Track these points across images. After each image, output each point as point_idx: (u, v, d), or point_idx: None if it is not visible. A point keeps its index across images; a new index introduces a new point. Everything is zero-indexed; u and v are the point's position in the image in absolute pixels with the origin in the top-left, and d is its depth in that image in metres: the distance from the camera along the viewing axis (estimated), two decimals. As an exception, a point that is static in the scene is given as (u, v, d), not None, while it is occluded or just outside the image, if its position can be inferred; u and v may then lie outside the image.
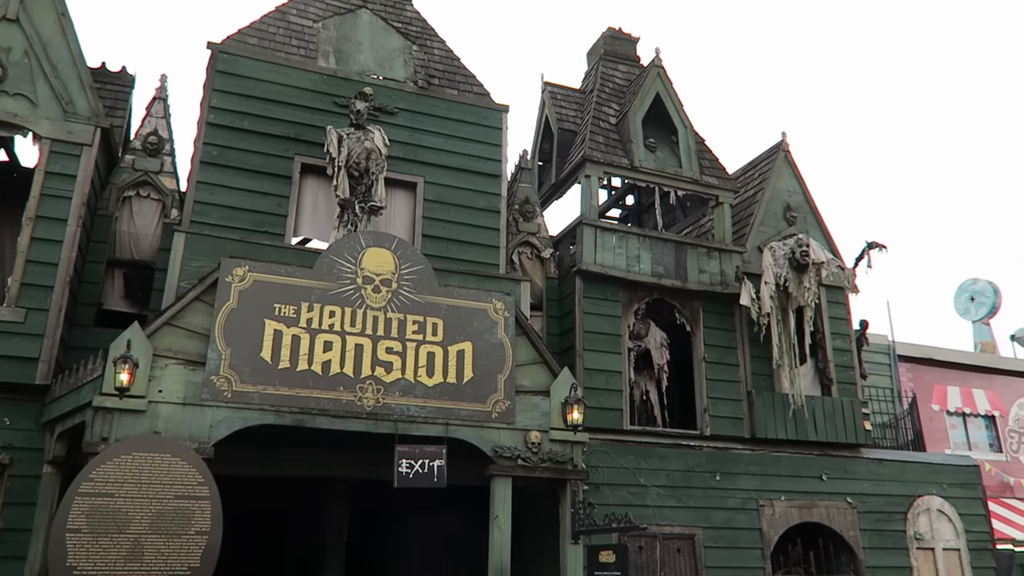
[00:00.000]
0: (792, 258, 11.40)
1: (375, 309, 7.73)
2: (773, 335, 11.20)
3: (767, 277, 11.30)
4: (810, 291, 11.38)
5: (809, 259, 11.29)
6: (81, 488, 6.31)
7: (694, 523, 10.26)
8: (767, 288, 11.24)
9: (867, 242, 11.70)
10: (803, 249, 11.31)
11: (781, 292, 11.38)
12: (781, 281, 11.33)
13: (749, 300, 11.15)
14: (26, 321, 7.98)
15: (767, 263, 11.38)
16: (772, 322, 11.21)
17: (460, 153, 10.45)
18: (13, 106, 8.53)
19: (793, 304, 11.43)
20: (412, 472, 7.37)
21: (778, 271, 11.34)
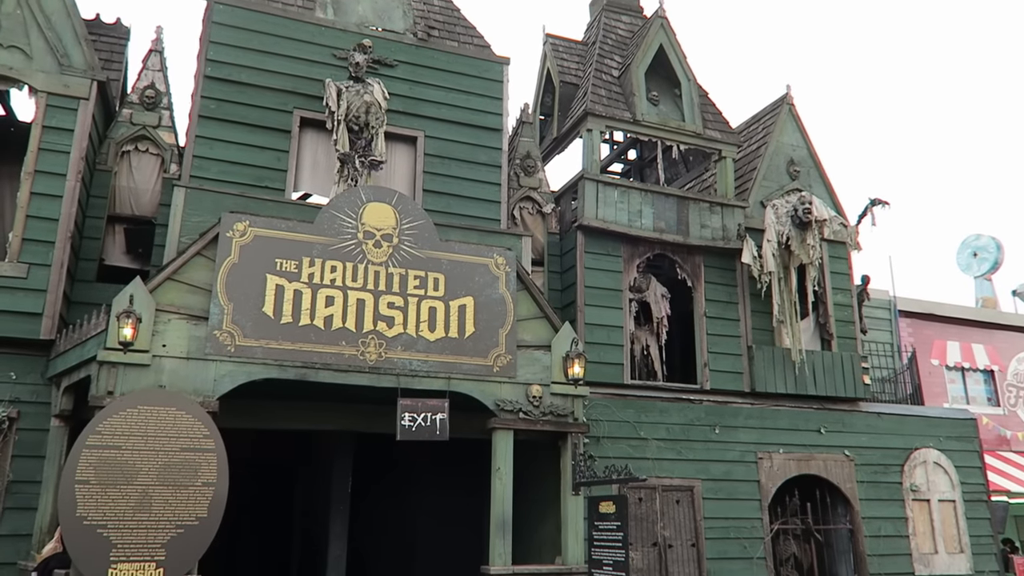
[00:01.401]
0: (795, 216, 11.34)
1: (376, 264, 7.73)
2: (774, 292, 11.21)
3: (769, 235, 11.26)
4: (813, 249, 11.35)
5: (812, 217, 11.24)
6: (89, 441, 6.40)
7: (693, 475, 10.41)
8: (769, 246, 11.21)
9: (870, 199, 11.63)
10: (806, 207, 11.25)
11: (783, 250, 11.36)
12: (783, 239, 11.30)
13: (751, 258, 11.13)
14: (28, 276, 8.00)
15: (769, 221, 11.34)
16: (774, 280, 11.21)
17: (460, 107, 10.34)
18: (7, 59, 8.42)
19: (795, 262, 11.41)
20: (415, 425, 7.46)
21: (780, 228, 11.30)
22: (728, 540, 10.31)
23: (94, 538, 6.23)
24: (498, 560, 7.53)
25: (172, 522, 6.45)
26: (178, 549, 6.43)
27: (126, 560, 6.27)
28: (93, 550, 6.21)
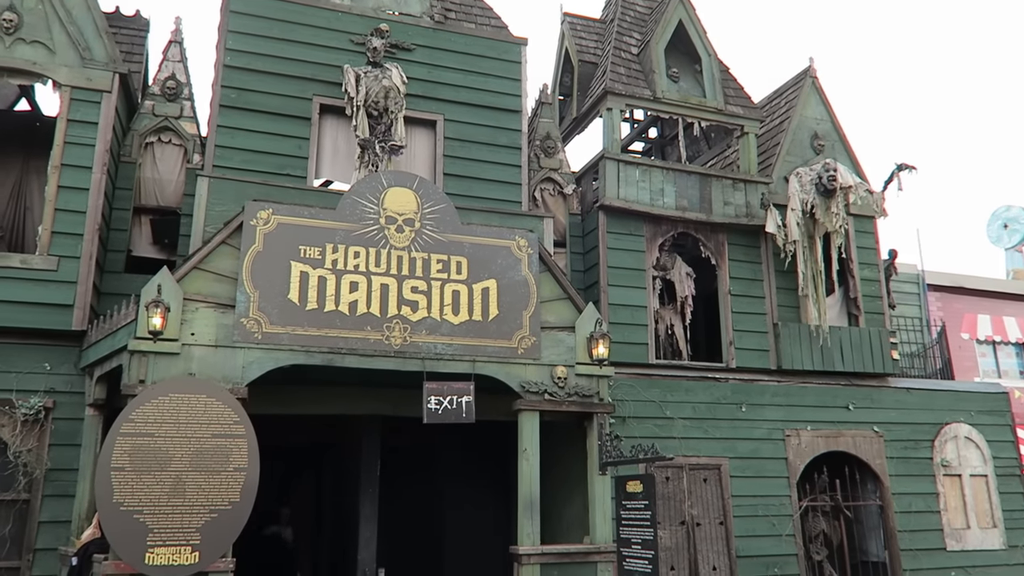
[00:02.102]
0: (819, 183, 11.17)
1: (399, 249, 7.76)
2: (799, 263, 11.08)
3: (793, 203, 11.11)
4: (838, 216, 11.18)
5: (837, 183, 11.06)
6: (123, 429, 6.53)
7: (720, 454, 10.40)
8: (793, 215, 11.07)
9: (896, 164, 11.42)
10: (830, 174, 11.07)
11: (808, 218, 11.20)
12: (808, 207, 11.14)
13: (775, 227, 11.01)
14: (59, 269, 8.14)
15: (793, 189, 11.18)
16: (798, 250, 11.08)
17: (479, 89, 10.30)
18: (31, 54, 8.52)
19: (820, 231, 11.25)
20: (441, 408, 7.51)
21: (804, 197, 11.14)
22: (756, 518, 10.31)
23: (131, 523, 6.37)
24: (527, 540, 7.59)
25: (206, 507, 6.58)
26: (212, 533, 6.56)
27: (162, 544, 6.41)
28: (130, 535, 6.35)
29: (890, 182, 11.60)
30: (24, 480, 7.83)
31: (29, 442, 7.91)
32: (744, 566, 10.08)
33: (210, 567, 6.55)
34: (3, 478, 7.84)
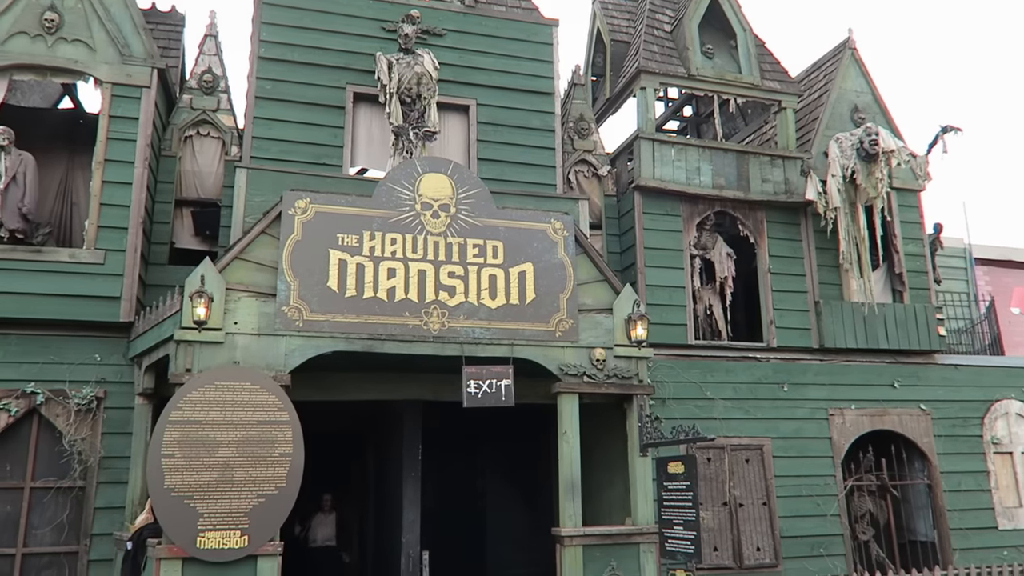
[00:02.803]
0: (860, 148, 10.88)
1: (435, 234, 7.79)
2: (840, 230, 10.85)
3: (834, 169, 10.86)
4: (880, 182, 10.88)
5: (879, 148, 10.77)
6: (171, 417, 6.70)
7: (762, 434, 10.31)
8: (834, 181, 10.82)
9: (941, 126, 11.05)
10: (872, 138, 10.79)
11: (849, 185, 10.95)
12: (848, 173, 10.88)
13: (815, 194, 10.80)
14: (105, 262, 8.34)
15: (833, 155, 10.93)
16: (839, 217, 10.84)
17: (511, 72, 10.25)
18: (72, 52, 8.70)
19: (862, 197, 10.98)
20: (480, 392, 7.55)
21: (845, 163, 10.88)
22: (800, 498, 10.21)
23: (182, 508, 6.54)
24: (568, 522, 7.62)
25: (253, 492, 6.72)
26: (260, 517, 6.71)
27: (213, 528, 6.57)
28: (182, 520, 6.53)
29: (934, 145, 11.23)
30: (79, 468, 8.08)
31: (83, 431, 8.16)
32: (789, 546, 10.00)
33: (259, 550, 6.71)
34: (59, 466, 8.10)
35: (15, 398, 8.05)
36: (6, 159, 8.42)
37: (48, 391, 8.13)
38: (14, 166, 8.43)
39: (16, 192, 8.41)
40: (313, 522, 9.72)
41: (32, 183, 8.51)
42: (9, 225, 8.36)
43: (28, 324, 8.18)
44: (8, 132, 8.41)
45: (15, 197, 8.40)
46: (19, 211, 8.41)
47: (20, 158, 8.50)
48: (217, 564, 6.59)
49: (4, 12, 8.55)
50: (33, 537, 7.98)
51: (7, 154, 8.43)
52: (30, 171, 8.52)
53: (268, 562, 6.75)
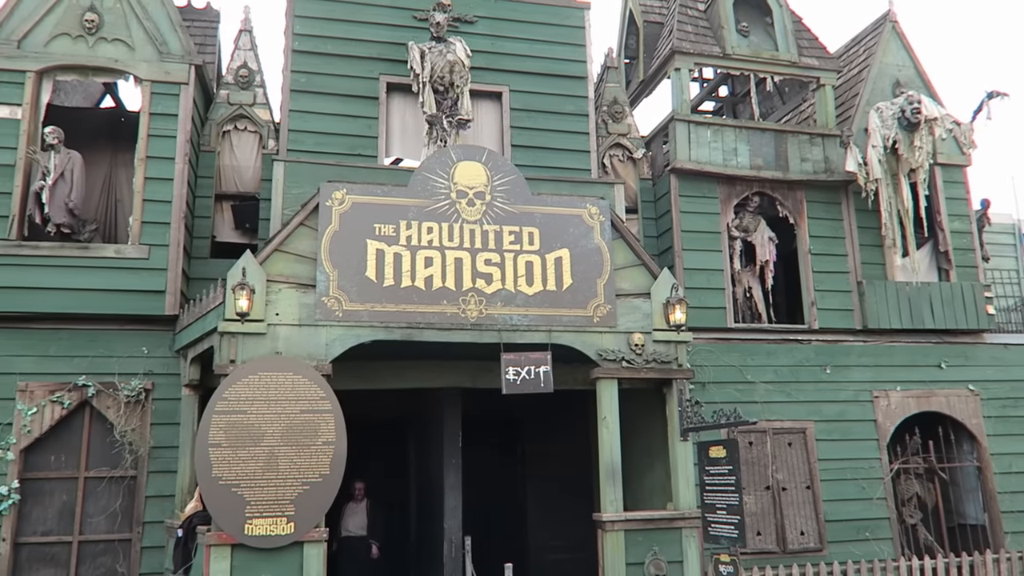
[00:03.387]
0: (902, 117, 10.58)
1: (471, 222, 7.81)
2: (882, 202, 10.59)
3: (874, 140, 10.60)
4: (922, 151, 10.58)
5: (921, 116, 10.46)
6: (217, 407, 6.83)
7: (805, 417, 10.18)
8: (874, 152, 10.56)
9: (987, 92, 10.68)
10: (914, 106, 10.49)
11: (890, 155, 10.68)
12: (889, 143, 10.62)
13: (856, 166, 10.56)
14: (150, 257, 8.53)
15: (873, 125, 10.66)
16: (881, 188, 10.59)
17: (543, 57, 10.20)
18: (113, 52, 8.87)
19: (904, 167, 10.70)
20: (519, 379, 7.56)
21: (886, 132, 10.61)
22: (845, 481, 10.07)
23: (230, 496, 6.68)
24: (610, 507, 7.62)
25: (298, 479, 6.84)
26: (305, 504, 6.83)
27: (260, 516, 6.71)
28: (230, 507, 6.67)
29: (979, 111, 10.87)
30: (130, 458, 8.31)
31: (132, 422, 8.38)
32: (834, 530, 9.88)
33: (305, 536, 6.83)
34: (111, 456, 8.34)
35: (68, 391, 8.30)
36: (55, 157, 8.65)
37: (99, 383, 8.36)
38: (63, 164, 8.66)
39: (64, 188, 8.64)
40: (345, 511, 9.55)
41: (79, 180, 8.73)
42: (56, 220, 8.59)
43: (78, 319, 8.41)
44: (58, 131, 8.65)
45: (63, 193, 8.63)
46: (66, 206, 8.63)
47: (68, 156, 8.73)
48: (265, 550, 6.73)
49: (46, 15, 8.74)
50: (88, 525, 8.23)
51: (56, 152, 8.66)
52: (77, 168, 8.74)
53: (314, 548, 6.88)
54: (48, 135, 8.60)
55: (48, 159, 8.65)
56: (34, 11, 8.72)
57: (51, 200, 8.57)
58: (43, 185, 8.58)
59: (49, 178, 8.55)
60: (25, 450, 8.15)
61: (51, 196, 8.57)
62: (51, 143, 8.63)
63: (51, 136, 8.62)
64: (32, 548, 8.10)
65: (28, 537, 8.09)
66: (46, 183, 8.56)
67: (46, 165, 8.63)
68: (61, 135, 8.69)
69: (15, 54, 8.61)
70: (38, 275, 8.26)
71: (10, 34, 8.63)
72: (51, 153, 8.67)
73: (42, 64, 8.67)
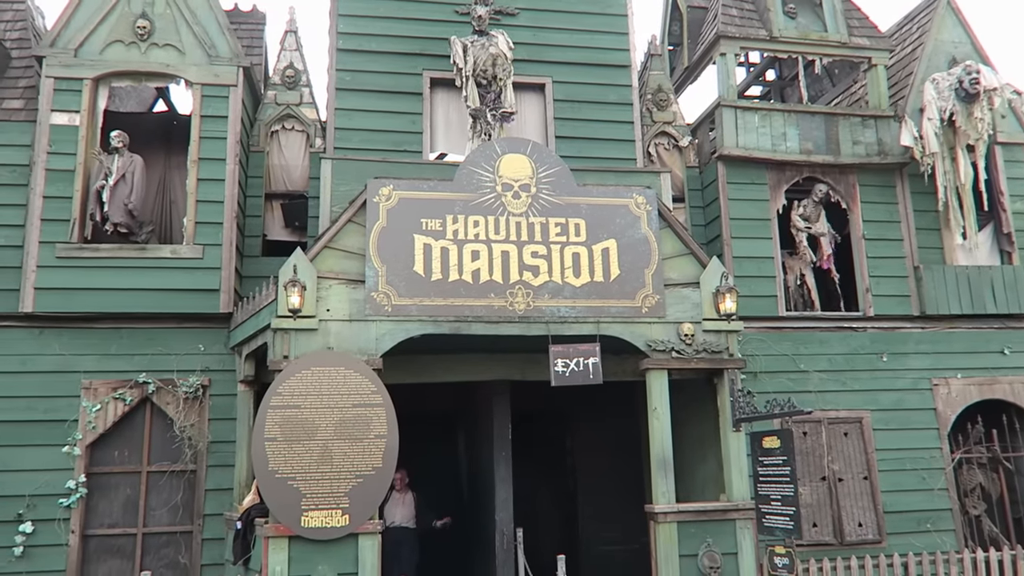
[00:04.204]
0: (959, 88, 10.21)
1: (517, 215, 7.81)
2: (938, 176, 10.25)
3: (930, 112, 10.26)
4: (982, 123, 10.19)
5: (980, 86, 10.07)
6: (272, 402, 6.97)
7: (861, 406, 9.97)
8: (930, 125, 10.22)
9: None
10: (972, 76, 10.11)
11: (947, 128, 10.34)
12: (946, 116, 10.28)
13: (911, 139, 10.25)
14: (204, 256, 8.73)
15: (929, 97, 10.32)
16: (937, 163, 10.26)
17: (586, 47, 10.13)
18: (164, 57, 9.08)
19: (961, 140, 10.34)
20: (568, 370, 7.55)
21: (943, 104, 10.26)
22: (904, 472, 9.83)
23: (286, 489, 6.82)
24: (662, 499, 7.56)
25: (352, 472, 6.95)
26: (359, 497, 6.93)
27: (315, 508, 6.83)
28: (287, 500, 6.81)
29: None
30: (190, 452, 8.54)
31: (191, 417, 8.61)
32: (893, 522, 9.66)
33: (359, 528, 6.94)
34: (172, 451, 8.59)
35: (129, 388, 8.56)
36: (118, 159, 8.94)
37: (158, 380, 8.60)
38: (125, 166, 8.96)
39: (124, 190, 8.92)
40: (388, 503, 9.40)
41: (139, 182, 9.02)
42: (115, 220, 8.87)
43: (137, 318, 8.66)
44: (123, 136, 8.96)
45: (123, 195, 8.91)
46: (125, 208, 8.90)
47: (131, 159, 9.04)
48: (321, 542, 6.85)
49: (100, 23, 8.99)
50: (152, 517, 8.49)
51: (120, 155, 8.95)
52: (138, 171, 9.04)
53: (368, 540, 6.98)
54: (114, 138, 8.92)
55: (112, 161, 8.96)
56: (89, 20, 8.98)
57: (111, 201, 8.85)
58: (104, 185, 8.87)
59: (111, 179, 8.83)
60: (90, 446, 8.44)
61: (111, 197, 8.85)
62: (116, 146, 8.94)
63: (116, 139, 8.92)
64: (99, 540, 8.39)
65: (95, 529, 8.38)
66: (107, 183, 8.84)
67: (109, 167, 8.94)
68: (126, 139, 8.99)
69: (72, 62, 8.88)
70: (99, 276, 8.52)
71: (67, 43, 8.90)
72: (115, 156, 8.97)
73: (98, 71, 8.93)
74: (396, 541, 8.58)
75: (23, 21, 9.85)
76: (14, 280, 8.47)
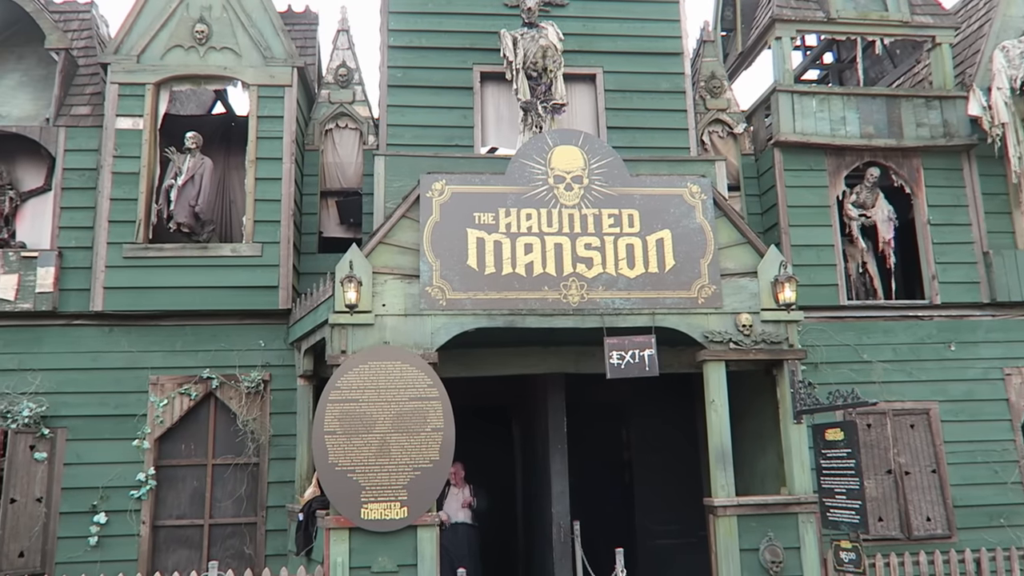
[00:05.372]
0: None
1: (569, 207, 7.77)
2: (1009, 147, 9.81)
3: (999, 81, 9.83)
4: None
5: None
6: (331, 396, 7.09)
7: (928, 397, 9.65)
8: (1000, 94, 9.79)
9: None
10: None
11: (1018, 98, 9.89)
12: (1018, 84, 9.83)
13: (980, 109, 9.85)
14: (263, 254, 8.92)
15: (999, 65, 9.88)
16: (1008, 133, 9.82)
17: (637, 36, 10.01)
18: (222, 60, 9.30)
19: None
20: (623, 363, 7.49)
21: (1013, 73, 9.81)
22: (975, 465, 9.49)
23: (346, 482, 6.93)
24: (721, 492, 7.45)
25: (409, 465, 7.03)
26: (417, 489, 7.00)
27: (375, 500, 6.93)
28: (346, 492, 6.92)
29: None
30: (253, 446, 8.75)
31: (253, 412, 8.81)
32: (963, 516, 9.34)
33: (418, 520, 7.01)
34: (235, 444, 8.81)
35: (194, 383, 8.81)
36: (190, 159, 9.20)
37: (221, 376, 8.83)
38: (195, 167, 9.23)
39: (191, 191, 9.19)
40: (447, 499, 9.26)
41: (207, 185, 9.28)
42: (178, 219, 9.13)
43: (200, 315, 8.90)
44: (197, 137, 9.26)
45: (189, 195, 9.17)
46: (191, 208, 9.16)
47: (201, 161, 9.30)
48: (380, 534, 6.95)
49: (161, 29, 9.25)
50: (217, 509, 8.73)
51: (191, 156, 9.21)
52: (207, 174, 9.30)
53: (427, 532, 7.06)
54: (189, 139, 9.23)
55: (183, 161, 9.22)
56: (150, 26, 9.24)
57: (178, 200, 9.11)
58: (172, 184, 9.13)
59: (180, 179, 9.09)
60: (159, 439, 8.71)
61: (178, 196, 9.11)
62: (189, 147, 9.22)
63: (191, 140, 9.23)
64: (168, 531, 8.66)
65: (164, 520, 8.66)
66: (175, 183, 9.10)
67: (180, 166, 9.19)
68: (200, 141, 9.28)
69: (135, 68, 9.15)
70: (163, 275, 8.78)
71: (130, 50, 9.18)
72: (187, 156, 9.23)
73: (159, 76, 9.19)
74: (457, 537, 8.54)
75: (89, 30, 10.19)
76: (85, 280, 8.79)
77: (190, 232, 9.25)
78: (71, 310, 8.80)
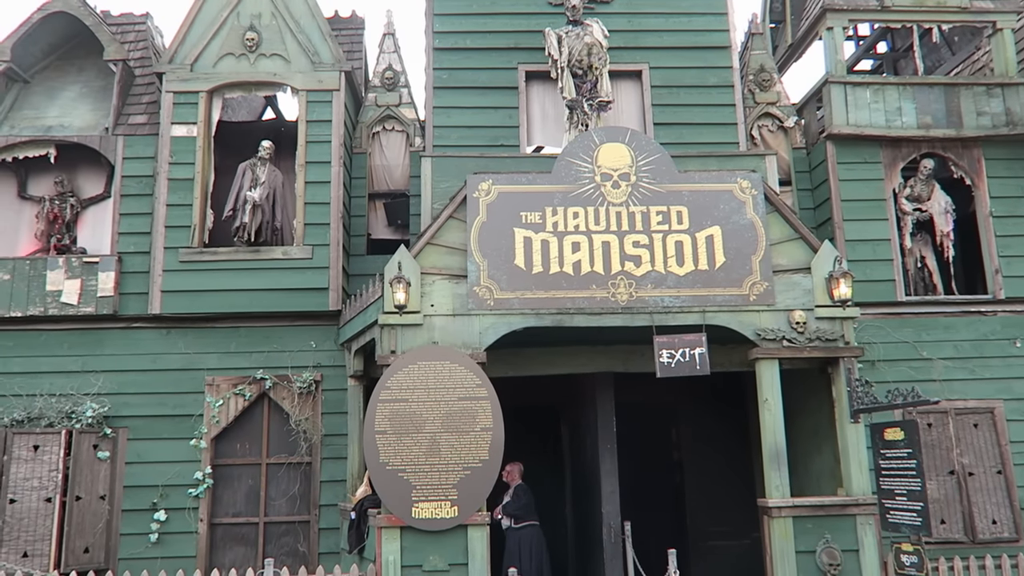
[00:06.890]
0: None
1: (616, 205, 7.70)
2: None
3: None
4: None
5: None
6: (381, 396, 7.16)
7: (993, 396, 9.32)
8: None
9: None
10: None
11: None
12: None
13: None
14: (313, 256, 9.06)
15: None
16: None
17: (683, 30, 9.88)
18: (271, 66, 9.47)
19: None
20: (673, 362, 7.40)
21: None
22: (1044, 466, 9.13)
23: (397, 481, 6.99)
24: (776, 492, 7.31)
25: (459, 465, 7.05)
26: (467, 488, 7.03)
27: (425, 499, 6.97)
28: (397, 491, 6.98)
29: None
30: (305, 445, 8.89)
31: (305, 412, 8.95)
32: (1032, 519, 8.99)
33: (468, 520, 7.04)
34: (288, 444, 8.95)
35: (248, 384, 8.98)
36: (265, 170, 9.42)
37: (274, 376, 8.99)
38: (270, 181, 9.43)
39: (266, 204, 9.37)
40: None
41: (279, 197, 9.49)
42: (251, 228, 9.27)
43: (253, 317, 9.08)
44: (271, 147, 9.45)
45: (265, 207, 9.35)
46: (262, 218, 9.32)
47: (275, 174, 9.51)
48: (431, 533, 7.00)
49: (212, 38, 9.46)
50: (272, 507, 8.89)
51: (265, 166, 9.43)
52: (279, 187, 9.52)
53: (478, 531, 7.07)
54: (264, 149, 9.43)
55: (262, 170, 9.42)
56: (202, 36, 9.46)
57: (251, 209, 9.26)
58: (248, 196, 9.28)
59: (256, 190, 9.27)
60: (215, 439, 8.91)
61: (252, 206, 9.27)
62: (263, 156, 9.42)
63: (265, 151, 9.43)
64: (225, 528, 8.85)
65: (221, 518, 8.85)
66: (253, 195, 9.27)
67: (257, 176, 9.39)
68: (273, 150, 9.46)
69: (189, 76, 9.38)
70: (218, 278, 8.98)
71: (183, 59, 9.41)
72: (265, 166, 9.45)
73: (212, 84, 9.40)
74: (517, 539, 8.31)
75: (144, 41, 10.48)
76: (143, 284, 9.04)
77: (250, 240, 9.34)
78: (131, 313, 9.05)
